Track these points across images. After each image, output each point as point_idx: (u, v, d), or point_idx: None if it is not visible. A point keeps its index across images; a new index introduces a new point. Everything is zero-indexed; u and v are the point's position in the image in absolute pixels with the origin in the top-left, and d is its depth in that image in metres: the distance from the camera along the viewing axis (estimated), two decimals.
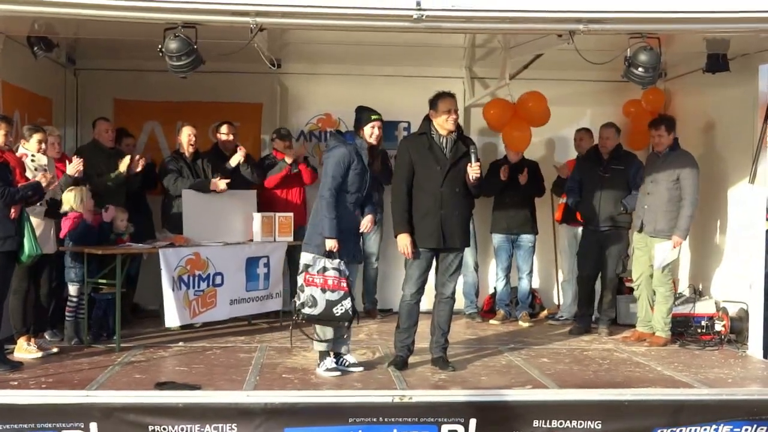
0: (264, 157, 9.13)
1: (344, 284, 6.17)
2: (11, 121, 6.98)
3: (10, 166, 6.37)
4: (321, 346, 6.40)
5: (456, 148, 6.49)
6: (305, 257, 6.22)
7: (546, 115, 8.97)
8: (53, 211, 7.10)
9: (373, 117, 6.44)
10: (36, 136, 6.99)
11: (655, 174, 7.79)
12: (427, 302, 6.76)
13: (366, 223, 6.45)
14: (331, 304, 6.12)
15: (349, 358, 6.51)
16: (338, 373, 6.30)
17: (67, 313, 7.26)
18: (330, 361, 6.35)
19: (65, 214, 7.16)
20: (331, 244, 6.14)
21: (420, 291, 6.57)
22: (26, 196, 6.31)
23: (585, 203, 8.36)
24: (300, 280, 6.20)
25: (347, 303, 6.15)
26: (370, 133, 6.43)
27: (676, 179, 7.65)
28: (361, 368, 6.46)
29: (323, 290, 6.12)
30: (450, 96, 6.54)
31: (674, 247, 7.68)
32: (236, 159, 8.41)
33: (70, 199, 7.17)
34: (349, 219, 6.31)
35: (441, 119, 6.48)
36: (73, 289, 7.23)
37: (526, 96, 8.90)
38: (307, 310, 6.13)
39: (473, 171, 6.41)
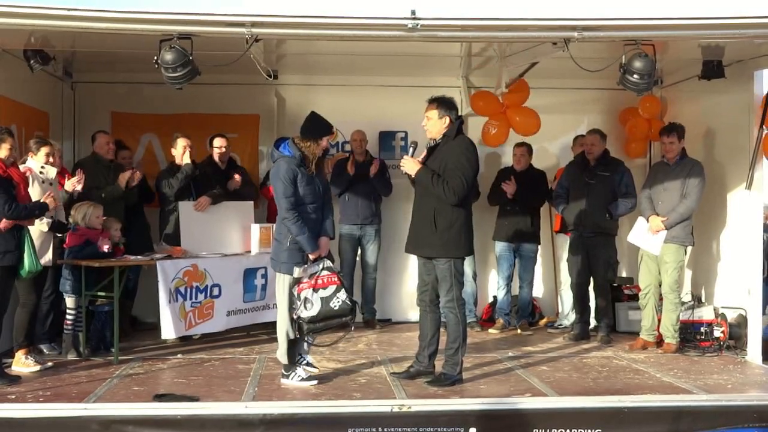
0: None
1: (335, 279, 6.21)
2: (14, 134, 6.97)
3: (14, 181, 6.36)
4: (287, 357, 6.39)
5: (432, 151, 6.41)
6: (297, 270, 6.17)
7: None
8: (60, 229, 7.08)
9: (334, 129, 6.42)
10: (44, 149, 7.03)
11: (666, 182, 7.79)
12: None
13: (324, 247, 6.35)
14: (326, 301, 6.13)
15: (308, 358, 6.53)
16: (315, 381, 6.30)
17: (65, 326, 7.24)
18: (302, 371, 6.34)
19: (72, 228, 7.14)
20: (313, 255, 6.17)
21: (421, 299, 6.53)
22: (32, 215, 6.32)
23: (571, 209, 8.37)
24: (295, 292, 6.20)
25: (342, 294, 6.17)
26: (326, 144, 6.39)
27: (686, 187, 7.68)
28: (316, 370, 6.48)
29: (314, 290, 6.13)
30: (428, 102, 6.43)
31: (652, 229, 7.67)
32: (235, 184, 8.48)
33: (75, 215, 7.18)
34: (314, 230, 6.24)
35: None
36: (70, 301, 7.21)
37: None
38: (305, 314, 6.10)
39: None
